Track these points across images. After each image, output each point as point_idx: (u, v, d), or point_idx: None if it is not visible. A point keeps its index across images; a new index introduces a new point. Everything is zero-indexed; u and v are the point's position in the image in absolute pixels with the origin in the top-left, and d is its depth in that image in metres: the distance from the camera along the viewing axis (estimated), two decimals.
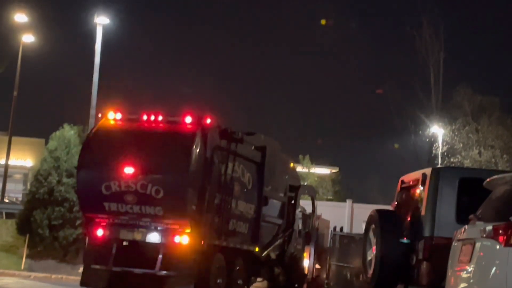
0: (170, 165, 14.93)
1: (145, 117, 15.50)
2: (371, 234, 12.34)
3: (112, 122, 15.83)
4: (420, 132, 52.32)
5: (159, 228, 15.05)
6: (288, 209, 19.17)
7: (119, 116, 15.78)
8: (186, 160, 14.72)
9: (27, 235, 26.82)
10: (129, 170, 14.85)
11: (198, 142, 14.87)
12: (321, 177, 56.46)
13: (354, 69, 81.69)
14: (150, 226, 15.08)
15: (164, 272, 15.03)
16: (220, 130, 15.50)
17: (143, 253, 15.20)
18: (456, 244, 9.02)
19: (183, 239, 14.90)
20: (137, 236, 15.19)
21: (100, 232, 15.37)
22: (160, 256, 14.98)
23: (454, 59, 71.63)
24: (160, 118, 15.44)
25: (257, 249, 17.26)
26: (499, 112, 49.81)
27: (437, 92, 52.44)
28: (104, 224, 15.36)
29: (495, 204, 8.69)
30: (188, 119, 15.17)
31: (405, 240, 11.75)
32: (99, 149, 15.59)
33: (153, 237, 15.10)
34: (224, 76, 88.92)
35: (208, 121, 15.15)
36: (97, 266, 15.38)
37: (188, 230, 14.87)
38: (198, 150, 14.84)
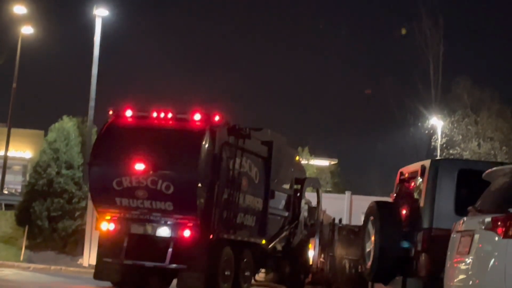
0: (180, 162, 15.27)
1: (155, 114, 15.87)
2: (370, 225, 12.29)
3: (122, 119, 16.18)
4: (419, 124, 52.17)
5: (169, 222, 15.37)
6: (294, 202, 19.42)
7: (129, 113, 16.12)
8: (195, 157, 15.08)
9: (26, 227, 26.72)
10: (140, 166, 15.21)
11: (207, 139, 15.23)
12: (320, 169, 56.39)
13: (353, 61, 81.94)
14: (161, 221, 15.41)
15: (174, 265, 15.39)
16: (228, 127, 15.82)
17: (154, 247, 15.55)
18: (455, 235, 9.00)
19: (193, 233, 15.22)
20: (148, 230, 15.52)
21: (111, 226, 15.71)
22: (170, 250, 15.32)
23: (454, 51, 71.76)
24: (170, 115, 15.79)
25: (264, 242, 17.55)
26: (499, 104, 49.50)
27: (436, 84, 52.42)
28: (116, 218, 15.70)
29: (494, 196, 8.70)
30: (197, 117, 15.50)
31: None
32: (110, 146, 15.95)
33: (164, 231, 15.43)
34: (222, 69, 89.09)
35: (217, 118, 15.48)
36: (109, 259, 15.73)
37: (197, 224, 15.21)
38: (207, 147, 15.21)
